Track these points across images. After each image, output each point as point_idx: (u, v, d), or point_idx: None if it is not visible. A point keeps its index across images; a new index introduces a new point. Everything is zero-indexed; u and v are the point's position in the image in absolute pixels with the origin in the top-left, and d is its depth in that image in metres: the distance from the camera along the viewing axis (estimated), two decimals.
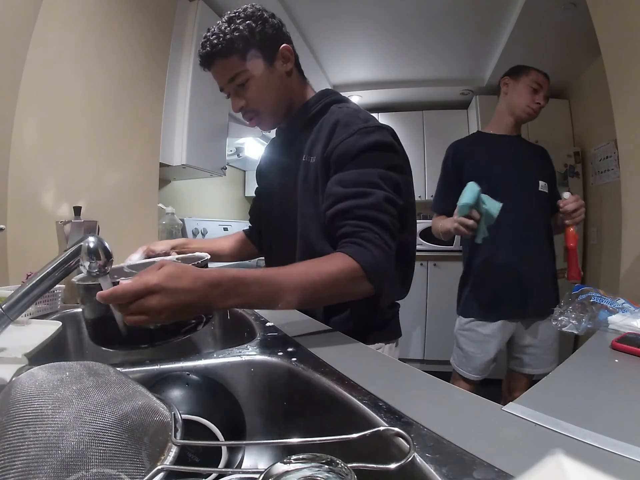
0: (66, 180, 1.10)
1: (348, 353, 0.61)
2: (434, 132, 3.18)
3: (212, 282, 0.51)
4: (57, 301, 0.88)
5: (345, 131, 0.71)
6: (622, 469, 0.30)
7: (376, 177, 0.68)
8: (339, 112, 0.77)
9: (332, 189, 0.70)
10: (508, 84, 1.36)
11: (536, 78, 1.30)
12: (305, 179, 0.78)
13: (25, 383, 0.32)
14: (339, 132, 0.73)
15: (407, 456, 0.29)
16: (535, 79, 1.30)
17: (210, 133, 1.87)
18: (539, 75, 1.31)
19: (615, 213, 1.15)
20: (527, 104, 1.30)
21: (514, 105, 1.33)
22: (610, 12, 1.19)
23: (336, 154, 0.71)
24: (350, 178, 0.69)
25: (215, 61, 0.75)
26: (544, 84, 1.31)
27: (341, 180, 0.69)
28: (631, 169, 1.18)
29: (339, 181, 0.69)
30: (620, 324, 0.69)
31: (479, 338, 1.30)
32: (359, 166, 0.69)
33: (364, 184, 0.67)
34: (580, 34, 2.07)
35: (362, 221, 0.65)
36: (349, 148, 0.70)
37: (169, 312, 0.49)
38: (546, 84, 1.32)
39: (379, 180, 0.68)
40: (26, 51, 0.97)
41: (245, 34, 0.72)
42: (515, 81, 1.34)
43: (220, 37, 0.72)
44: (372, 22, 2.19)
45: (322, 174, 0.75)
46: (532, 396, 0.45)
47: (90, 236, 0.50)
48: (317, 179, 0.76)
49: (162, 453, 0.31)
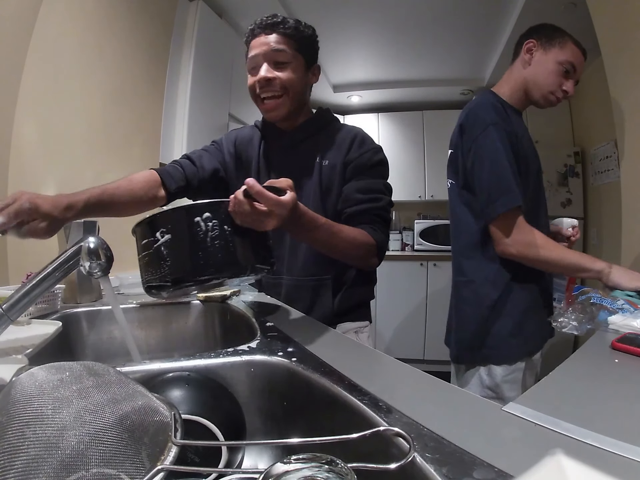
0: (66, 180, 1.10)
1: (348, 353, 0.61)
2: (434, 132, 3.18)
3: (299, 213, 0.64)
4: (57, 301, 0.88)
5: (362, 147, 0.91)
6: (622, 469, 0.30)
7: (382, 186, 0.91)
8: (353, 128, 0.96)
9: (353, 195, 0.88)
10: (533, 52, 1.00)
11: (572, 56, 0.97)
12: (320, 179, 0.92)
13: (25, 383, 0.32)
14: (357, 146, 0.91)
15: (407, 456, 0.29)
16: (570, 57, 0.96)
17: (210, 133, 1.87)
18: (576, 51, 0.97)
19: (615, 213, 1.14)
20: (552, 90, 0.98)
21: (535, 84, 1.00)
22: (610, 12, 1.19)
23: (355, 164, 0.90)
24: (365, 187, 0.88)
25: (275, 31, 0.85)
26: (579, 65, 0.98)
27: (358, 188, 0.88)
28: (631, 169, 1.19)
29: (357, 189, 0.88)
30: (620, 324, 0.69)
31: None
32: (371, 177, 0.90)
33: (375, 192, 0.89)
34: (580, 34, 2.07)
35: (376, 218, 0.87)
36: (365, 162, 0.90)
37: (274, 223, 0.59)
38: (582, 65, 0.99)
39: (384, 189, 0.91)
40: (26, 51, 0.97)
41: (308, 34, 0.89)
42: (544, 51, 0.99)
43: (290, 21, 0.86)
44: (372, 22, 2.19)
45: (340, 176, 0.91)
46: (532, 396, 0.45)
47: (90, 236, 0.50)
48: (330, 179, 0.92)
49: (162, 453, 0.31)
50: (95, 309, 0.93)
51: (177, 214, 0.59)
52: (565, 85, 0.98)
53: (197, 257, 0.57)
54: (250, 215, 0.57)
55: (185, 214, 0.58)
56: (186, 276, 0.58)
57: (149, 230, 0.60)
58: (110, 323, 0.94)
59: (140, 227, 0.62)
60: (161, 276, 0.58)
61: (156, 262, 0.58)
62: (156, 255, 0.58)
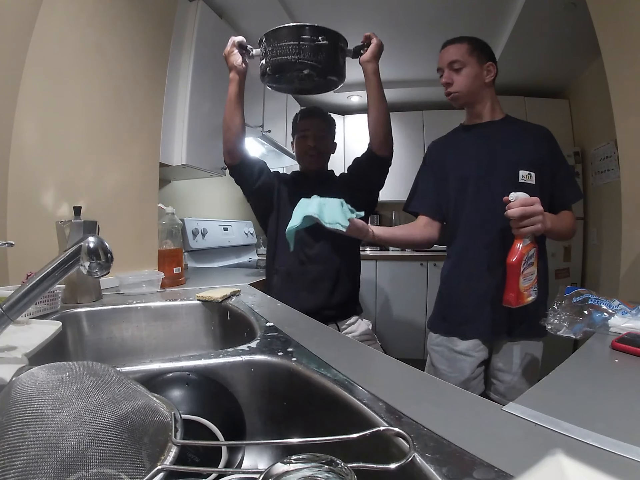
0: (66, 180, 1.10)
1: (348, 353, 0.61)
2: (434, 132, 3.17)
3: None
4: (57, 301, 0.88)
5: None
6: (622, 469, 0.30)
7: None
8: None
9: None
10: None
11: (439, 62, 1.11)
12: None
13: (25, 383, 0.32)
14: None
15: (407, 456, 0.29)
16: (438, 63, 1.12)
17: (210, 133, 1.87)
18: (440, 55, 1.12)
19: (615, 213, 1.13)
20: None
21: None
22: (610, 12, 1.19)
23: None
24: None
25: (319, 117, 1.37)
26: (441, 62, 1.10)
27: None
28: (631, 169, 1.18)
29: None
30: (622, 327, 0.68)
31: (451, 356, 1.11)
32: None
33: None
34: (580, 34, 2.08)
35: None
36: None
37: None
38: (442, 58, 1.10)
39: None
40: (26, 51, 0.97)
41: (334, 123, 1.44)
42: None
43: (328, 114, 1.41)
44: (372, 22, 2.19)
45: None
46: (532, 396, 0.45)
47: (90, 236, 0.50)
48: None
49: (162, 453, 0.31)
50: (95, 309, 0.93)
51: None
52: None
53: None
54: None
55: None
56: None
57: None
58: (110, 323, 0.94)
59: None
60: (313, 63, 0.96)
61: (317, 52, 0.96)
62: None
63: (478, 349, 1.08)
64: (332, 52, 0.99)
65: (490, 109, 1.10)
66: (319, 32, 0.96)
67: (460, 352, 1.09)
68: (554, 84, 2.91)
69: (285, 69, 0.98)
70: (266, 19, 2.12)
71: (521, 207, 0.83)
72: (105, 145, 1.21)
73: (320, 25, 0.97)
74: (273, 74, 1.00)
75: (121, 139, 1.27)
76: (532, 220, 0.84)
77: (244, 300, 0.98)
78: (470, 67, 1.05)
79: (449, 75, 1.07)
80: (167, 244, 1.34)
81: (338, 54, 1.01)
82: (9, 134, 0.95)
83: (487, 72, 1.07)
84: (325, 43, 0.96)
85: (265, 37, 1.00)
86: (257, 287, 1.27)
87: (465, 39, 1.08)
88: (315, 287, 1.24)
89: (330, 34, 0.98)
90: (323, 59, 0.97)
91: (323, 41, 0.96)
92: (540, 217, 0.85)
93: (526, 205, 0.83)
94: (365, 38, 1.11)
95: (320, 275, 1.25)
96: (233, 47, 1.10)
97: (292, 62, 0.96)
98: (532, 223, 0.84)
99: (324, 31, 0.97)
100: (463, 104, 1.11)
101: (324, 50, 0.97)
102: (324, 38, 0.96)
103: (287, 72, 0.99)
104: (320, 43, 0.96)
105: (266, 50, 0.99)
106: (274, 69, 0.99)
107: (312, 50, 0.96)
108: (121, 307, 0.96)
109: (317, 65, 0.97)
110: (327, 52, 0.97)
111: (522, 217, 0.83)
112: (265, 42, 1.00)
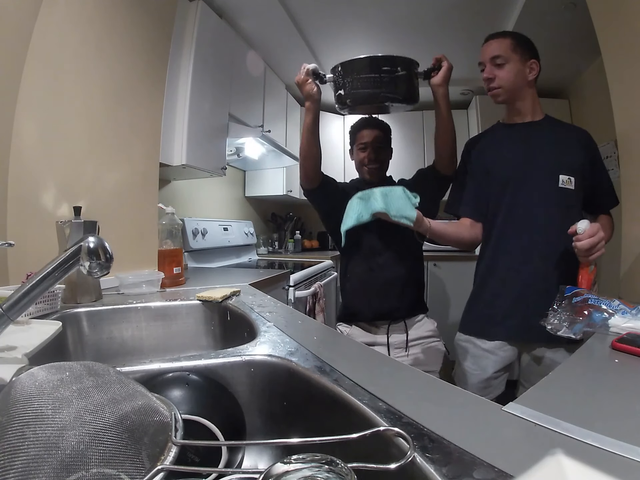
0: (66, 180, 1.10)
1: (348, 353, 0.61)
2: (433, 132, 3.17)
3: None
4: (57, 301, 0.88)
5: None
6: (622, 469, 0.30)
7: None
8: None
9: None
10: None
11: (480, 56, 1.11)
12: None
13: (25, 383, 0.32)
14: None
15: (407, 456, 0.29)
16: (479, 58, 1.12)
17: (210, 133, 1.87)
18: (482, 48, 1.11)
19: (615, 213, 1.13)
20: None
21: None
22: (610, 12, 1.19)
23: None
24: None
25: (377, 128, 1.34)
26: (482, 56, 1.10)
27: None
28: (631, 169, 1.18)
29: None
30: (622, 327, 0.68)
31: (476, 353, 1.10)
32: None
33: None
34: (580, 34, 2.07)
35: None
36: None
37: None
38: (484, 52, 1.09)
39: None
40: (26, 51, 0.97)
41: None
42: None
43: (384, 122, 1.37)
44: (371, 22, 2.19)
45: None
46: (532, 396, 0.45)
47: (90, 236, 0.50)
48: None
49: (162, 453, 0.31)
50: (95, 309, 0.93)
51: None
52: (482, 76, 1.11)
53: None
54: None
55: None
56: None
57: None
58: (110, 323, 0.94)
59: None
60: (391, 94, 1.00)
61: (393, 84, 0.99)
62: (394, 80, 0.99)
63: (504, 349, 1.07)
64: (410, 81, 1.02)
65: (531, 108, 1.08)
66: (397, 63, 0.99)
67: (486, 350, 1.09)
68: (554, 84, 2.91)
69: (366, 101, 1.01)
70: (266, 19, 2.12)
71: (590, 239, 0.85)
72: (105, 145, 1.21)
73: (397, 55, 1.00)
74: (354, 105, 1.02)
75: (121, 139, 1.27)
76: (597, 247, 0.86)
77: (244, 300, 0.98)
78: (513, 63, 1.03)
79: (490, 71, 1.05)
80: (167, 244, 1.34)
81: (414, 80, 1.04)
82: (9, 134, 0.95)
83: (529, 70, 1.04)
84: (404, 73, 0.99)
85: (342, 66, 1.02)
86: (257, 287, 1.27)
87: (509, 33, 1.06)
88: (385, 293, 1.29)
89: (406, 62, 1.01)
90: (403, 90, 1.01)
91: (401, 72, 0.99)
92: (604, 243, 0.87)
93: (592, 235, 0.85)
94: (436, 61, 1.10)
95: (390, 281, 1.29)
96: (307, 76, 1.07)
97: (374, 96, 0.99)
98: (598, 250, 0.87)
99: (401, 61, 1.00)
100: (503, 100, 1.08)
101: (403, 80, 1.00)
102: (402, 68, 0.99)
103: (368, 104, 1.02)
104: (399, 74, 0.99)
105: (344, 81, 1.01)
106: (355, 101, 1.01)
107: (392, 82, 0.99)
108: (121, 307, 0.96)
109: (397, 97, 1.00)
110: (406, 82, 1.01)
111: (590, 248, 0.85)
112: (342, 71, 1.02)
